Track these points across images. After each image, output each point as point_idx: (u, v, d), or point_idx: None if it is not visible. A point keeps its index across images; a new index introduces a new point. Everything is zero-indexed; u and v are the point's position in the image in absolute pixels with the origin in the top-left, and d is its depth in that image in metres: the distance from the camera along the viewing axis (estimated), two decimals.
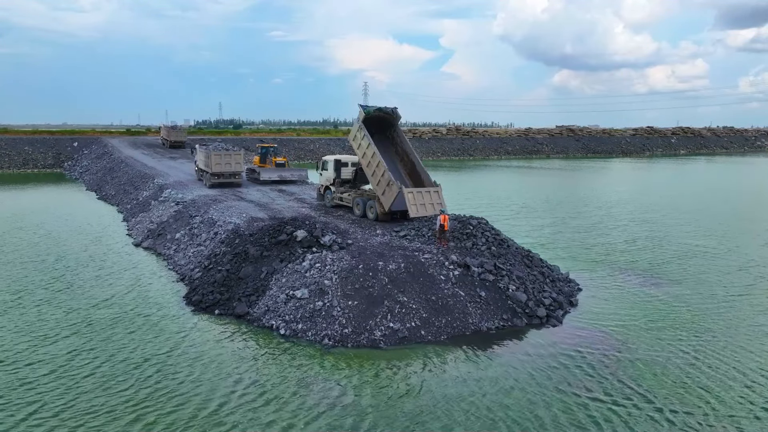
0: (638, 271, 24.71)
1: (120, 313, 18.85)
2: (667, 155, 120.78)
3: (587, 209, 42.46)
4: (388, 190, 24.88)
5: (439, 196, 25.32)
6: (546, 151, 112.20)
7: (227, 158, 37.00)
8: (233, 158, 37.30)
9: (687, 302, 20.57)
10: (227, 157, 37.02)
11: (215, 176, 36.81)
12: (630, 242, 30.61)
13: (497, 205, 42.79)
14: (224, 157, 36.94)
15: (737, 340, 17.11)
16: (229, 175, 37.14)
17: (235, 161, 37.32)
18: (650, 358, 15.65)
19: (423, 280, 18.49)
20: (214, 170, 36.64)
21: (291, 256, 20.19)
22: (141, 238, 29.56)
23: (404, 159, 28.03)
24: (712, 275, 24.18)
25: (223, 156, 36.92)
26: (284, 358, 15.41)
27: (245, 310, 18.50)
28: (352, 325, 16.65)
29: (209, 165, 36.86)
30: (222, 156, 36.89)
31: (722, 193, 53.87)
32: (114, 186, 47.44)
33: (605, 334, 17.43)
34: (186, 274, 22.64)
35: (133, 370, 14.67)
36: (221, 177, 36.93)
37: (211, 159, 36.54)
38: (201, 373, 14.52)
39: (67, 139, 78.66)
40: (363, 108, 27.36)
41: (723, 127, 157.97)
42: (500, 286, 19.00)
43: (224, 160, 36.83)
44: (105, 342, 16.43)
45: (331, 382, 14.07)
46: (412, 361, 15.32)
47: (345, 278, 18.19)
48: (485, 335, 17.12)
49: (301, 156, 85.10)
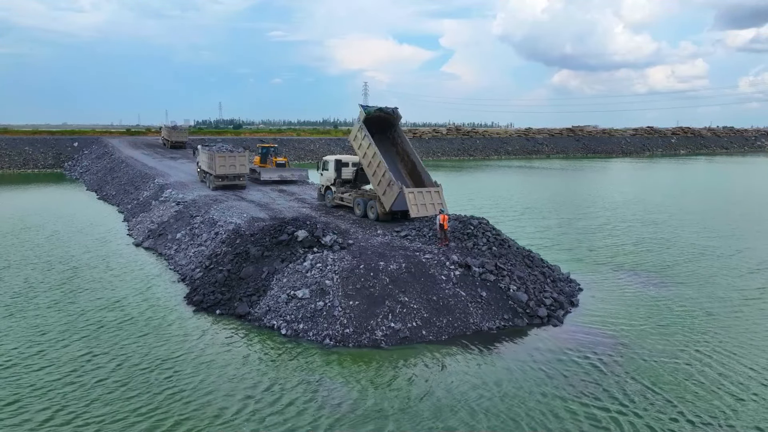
0: (640, 271, 24.72)
1: (121, 314, 18.86)
2: (667, 155, 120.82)
3: (591, 210, 42.47)
4: (389, 190, 24.89)
5: (439, 196, 25.34)
6: (546, 151, 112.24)
7: (231, 160, 35.97)
8: (237, 160, 36.28)
9: (689, 303, 20.57)
10: (231, 159, 36.00)
11: (219, 178, 35.89)
12: (633, 243, 30.61)
13: (501, 206, 42.79)
14: (228, 158, 35.93)
15: (740, 341, 17.11)
16: (233, 177, 36.23)
17: (239, 163, 36.33)
18: (651, 359, 15.66)
19: (424, 280, 18.50)
20: (218, 172, 35.69)
21: (292, 256, 20.20)
22: (142, 238, 29.57)
23: (405, 159, 28.04)
24: (716, 276, 24.15)
25: (227, 157, 35.91)
26: (286, 359, 15.42)
27: (246, 310, 18.51)
28: (354, 325, 16.66)
29: (213, 167, 35.98)
30: (226, 157, 35.89)
31: (727, 194, 53.87)
32: (114, 186, 47.46)
33: (606, 334, 17.44)
34: (187, 274, 22.65)
35: (135, 373, 14.67)
36: (225, 179, 36.00)
37: (215, 161, 35.57)
38: (203, 374, 14.53)
39: (67, 139, 78.67)
40: (364, 108, 27.38)
41: (723, 127, 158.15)
42: (501, 286, 19.01)
43: (228, 162, 35.82)
44: (105, 344, 16.44)
45: (333, 383, 14.08)
46: (414, 361, 15.34)
47: (346, 278, 18.20)
48: (486, 335, 17.13)
49: (301, 156, 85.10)
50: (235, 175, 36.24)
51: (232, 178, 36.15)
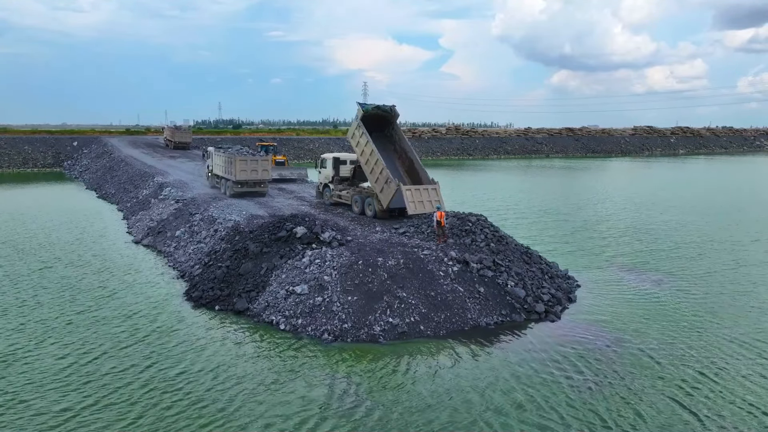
0: (639, 268, 24.80)
1: (120, 311, 18.92)
2: (666, 155, 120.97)
3: (590, 208, 42.55)
4: (387, 187, 25.01)
5: (437, 193, 25.44)
6: (545, 150, 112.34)
7: (254, 164, 32.97)
8: (260, 164, 33.27)
9: (687, 299, 20.66)
10: (254, 163, 32.99)
11: (239, 184, 32.80)
12: (632, 240, 30.69)
13: (501, 204, 42.82)
14: (250, 162, 32.90)
15: (738, 337, 17.19)
16: (253, 183, 33.16)
17: (262, 168, 33.31)
18: (647, 354, 15.74)
19: (422, 276, 18.58)
20: (238, 177, 32.56)
21: (291, 253, 20.27)
22: (141, 235, 29.64)
23: (402, 157, 28.17)
24: (716, 273, 24.22)
25: (249, 161, 32.89)
26: (284, 354, 15.49)
27: (245, 305, 18.58)
28: (352, 321, 16.74)
29: (232, 171, 32.94)
30: (248, 161, 32.86)
31: (727, 194, 53.97)
32: (114, 185, 47.52)
33: (603, 329, 17.52)
34: (186, 271, 22.72)
35: (133, 368, 14.75)
36: (245, 185, 32.92)
37: (236, 165, 32.54)
38: (202, 369, 14.59)
39: (66, 139, 78.72)
40: (361, 106, 27.52)
41: (722, 127, 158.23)
42: (499, 282, 19.09)
43: (250, 167, 32.82)
44: (104, 340, 16.51)
45: (331, 378, 14.15)
46: (411, 356, 15.41)
47: (344, 274, 18.28)
48: (484, 330, 17.21)
49: (300, 155, 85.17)
50: (256, 181, 33.26)
51: (252, 184, 33.17)
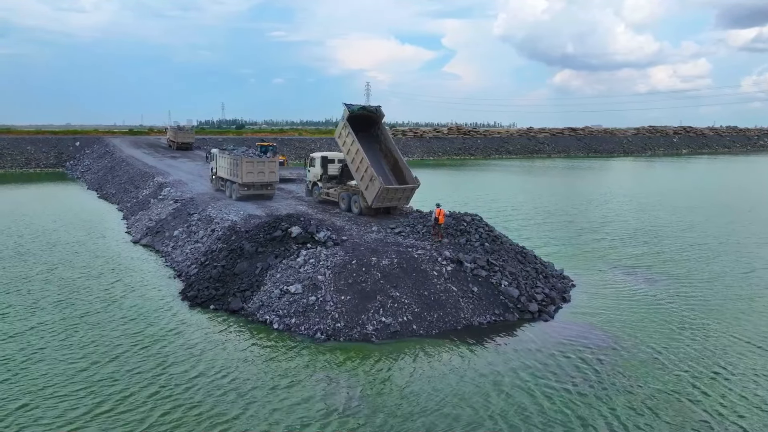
0: (635, 269, 24.81)
1: (117, 310, 19.04)
2: (669, 155, 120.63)
3: (590, 207, 42.52)
4: (371, 185, 25.82)
5: (412, 192, 27.00)
6: (547, 150, 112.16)
7: (260, 166, 31.97)
8: (267, 166, 32.25)
9: (681, 299, 20.67)
10: (261, 165, 32.01)
11: (245, 187, 31.78)
12: (629, 241, 30.68)
13: (500, 203, 42.85)
14: (257, 164, 31.92)
15: (731, 337, 17.20)
16: (261, 186, 32.15)
17: (269, 170, 32.23)
18: (640, 354, 15.76)
19: (416, 276, 18.64)
20: (244, 180, 31.51)
21: (286, 252, 20.36)
22: (140, 235, 29.79)
23: (388, 156, 28.68)
24: (711, 274, 24.23)
25: (255, 163, 31.89)
26: (277, 353, 15.58)
27: (240, 305, 18.68)
28: (345, 320, 16.81)
29: (238, 174, 31.70)
30: (255, 163, 31.87)
31: (726, 193, 53.81)
32: (114, 185, 47.74)
33: (596, 329, 17.55)
34: (183, 271, 22.83)
35: (129, 367, 14.85)
36: (252, 188, 31.96)
37: (242, 167, 31.36)
38: (196, 368, 14.69)
39: (69, 139, 79.05)
40: (348, 107, 27.95)
41: (726, 127, 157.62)
42: (493, 282, 19.14)
43: (257, 169, 31.79)
44: (100, 339, 16.62)
45: (324, 377, 14.23)
46: (404, 355, 15.47)
47: (338, 273, 18.36)
48: (477, 330, 17.26)
49: (302, 155, 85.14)
50: (263, 184, 32.26)
51: (259, 186, 32.15)
